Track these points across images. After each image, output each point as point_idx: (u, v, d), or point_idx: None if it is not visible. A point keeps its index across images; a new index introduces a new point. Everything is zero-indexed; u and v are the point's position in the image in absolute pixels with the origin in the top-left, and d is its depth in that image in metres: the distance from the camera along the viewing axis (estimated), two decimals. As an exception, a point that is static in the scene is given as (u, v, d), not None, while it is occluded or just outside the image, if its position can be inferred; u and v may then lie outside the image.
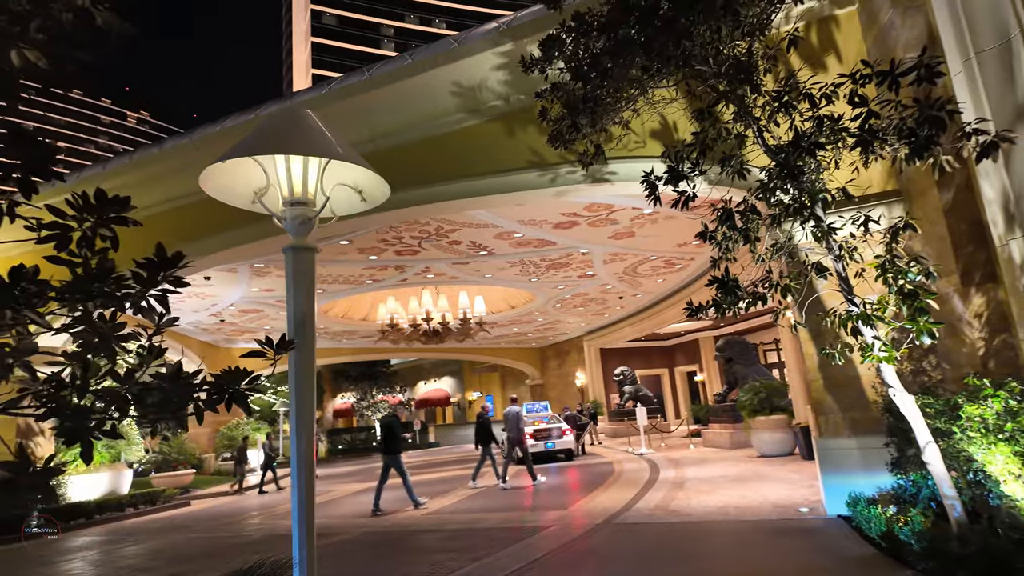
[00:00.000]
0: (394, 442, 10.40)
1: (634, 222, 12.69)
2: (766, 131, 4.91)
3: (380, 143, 9.52)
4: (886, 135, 4.14)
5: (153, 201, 10.66)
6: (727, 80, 4.76)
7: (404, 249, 13.75)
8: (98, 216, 1.99)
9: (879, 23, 6.11)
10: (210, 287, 15.24)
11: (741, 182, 5.42)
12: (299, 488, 2.97)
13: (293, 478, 2.99)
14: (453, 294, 18.70)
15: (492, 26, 8.39)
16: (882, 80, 3.92)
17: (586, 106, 5.37)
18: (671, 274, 17.92)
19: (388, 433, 10.42)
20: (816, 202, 4.61)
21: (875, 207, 5.96)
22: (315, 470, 3.71)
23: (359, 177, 3.49)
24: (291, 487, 3.03)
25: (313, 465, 3.15)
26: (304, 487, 2.98)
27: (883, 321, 4.60)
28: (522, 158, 8.60)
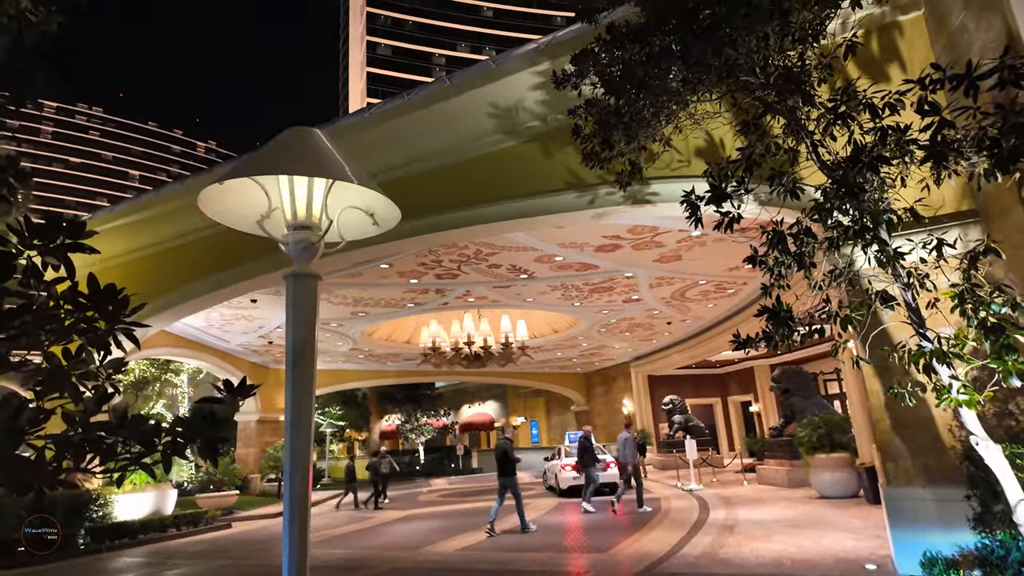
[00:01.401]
0: (509, 465, 11.30)
1: (681, 245, 12.17)
2: (821, 145, 4.45)
3: (419, 166, 9.44)
4: (962, 147, 3.64)
5: (184, 230, 10.93)
6: (776, 91, 4.35)
7: (444, 273, 13.63)
8: (47, 243, 1.81)
9: (949, 27, 5.57)
10: (256, 309, 15.52)
11: (794, 202, 4.94)
12: (291, 538, 2.69)
13: (285, 525, 2.71)
14: (495, 318, 18.46)
15: (530, 47, 8.22)
16: (956, 85, 3.44)
17: (619, 121, 5.04)
18: (722, 299, 17.15)
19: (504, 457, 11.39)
20: (880, 224, 4.10)
21: (949, 229, 5.35)
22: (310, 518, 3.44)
23: (369, 200, 3.26)
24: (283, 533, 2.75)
25: (308, 512, 2.87)
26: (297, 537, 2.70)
27: (962, 359, 4.02)
28: (560, 179, 8.32)
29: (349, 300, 15.67)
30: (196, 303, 11.38)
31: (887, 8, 5.98)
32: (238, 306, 14.96)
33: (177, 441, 1.88)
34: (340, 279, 13.60)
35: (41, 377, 1.86)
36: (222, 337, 18.61)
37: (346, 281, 13.86)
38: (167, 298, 11.16)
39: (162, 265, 11.39)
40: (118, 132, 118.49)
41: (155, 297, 11.13)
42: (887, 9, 6.01)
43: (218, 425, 1.91)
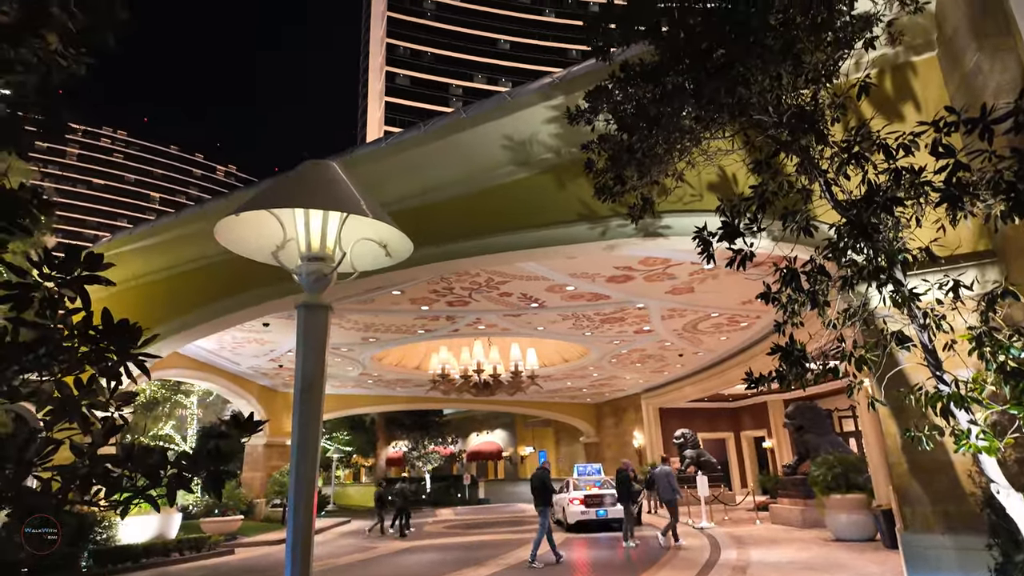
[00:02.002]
0: (547, 495, 11.46)
1: (693, 277, 12.13)
2: (835, 184, 4.45)
3: (433, 195, 9.54)
4: (978, 189, 3.61)
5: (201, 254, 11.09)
6: (789, 130, 4.37)
7: (455, 300, 13.66)
8: (65, 275, 1.84)
9: (963, 68, 5.59)
10: (268, 332, 15.60)
11: (807, 239, 4.92)
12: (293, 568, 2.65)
13: (288, 553, 2.68)
14: (505, 346, 18.40)
15: (545, 81, 8.37)
16: (971, 128, 3.44)
17: (631, 157, 5.07)
18: (735, 332, 16.99)
19: (542, 487, 11.52)
20: (895, 264, 4.06)
21: (966, 270, 5.28)
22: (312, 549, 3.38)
23: (383, 232, 3.30)
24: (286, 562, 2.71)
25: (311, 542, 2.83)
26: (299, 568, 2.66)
27: (981, 403, 3.92)
28: (572, 210, 8.37)
29: (360, 325, 15.71)
30: (210, 326, 11.48)
31: (900, 49, 6.02)
32: (250, 329, 15.05)
33: (182, 475, 1.87)
34: (352, 304, 13.66)
35: (52, 406, 1.87)
36: (233, 360, 18.69)
37: (358, 307, 13.92)
38: (182, 320, 11.27)
39: (178, 287, 11.52)
40: (141, 155, 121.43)
41: (171, 319, 11.25)
42: (900, 50, 6.05)
43: (223, 460, 1.90)
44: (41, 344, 1.67)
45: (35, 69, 1.63)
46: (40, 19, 1.56)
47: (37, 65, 1.62)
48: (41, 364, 1.70)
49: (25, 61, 1.60)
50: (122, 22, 1.89)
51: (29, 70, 1.61)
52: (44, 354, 1.67)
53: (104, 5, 1.83)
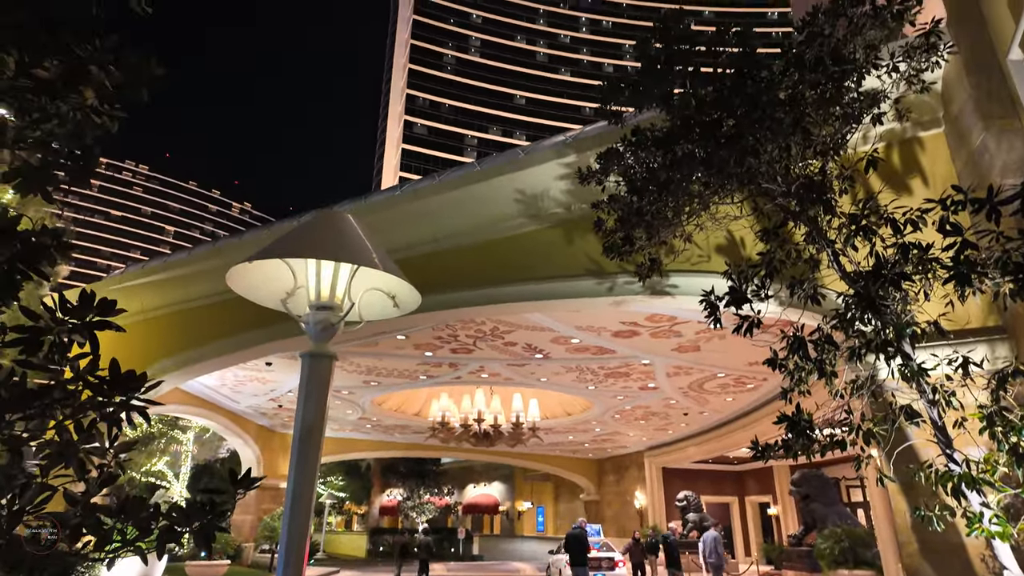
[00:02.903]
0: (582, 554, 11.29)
1: (699, 336, 12.07)
2: (843, 255, 4.48)
3: (442, 243, 9.66)
4: (986, 268, 3.62)
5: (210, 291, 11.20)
6: (798, 200, 4.43)
7: (459, 347, 13.61)
8: (78, 320, 1.86)
9: (970, 146, 5.69)
10: (271, 372, 15.54)
11: (815, 307, 4.92)
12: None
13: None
14: (507, 395, 18.21)
15: (559, 139, 8.59)
16: (979, 208, 3.48)
17: (640, 220, 5.15)
18: (741, 393, 16.76)
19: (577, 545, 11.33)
20: (903, 337, 4.04)
21: (975, 345, 5.23)
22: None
23: (392, 283, 3.33)
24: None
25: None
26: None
27: (992, 486, 3.82)
28: (580, 265, 8.43)
29: (362, 369, 15.64)
30: (215, 362, 11.46)
31: (908, 124, 6.16)
32: (253, 367, 15.00)
33: (173, 528, 1.84)
34: (355, 347, 13.63)
35: (50, 450, 1.86)
36: (233, 398, 18.56)
37: (361, 350, 13.89)
38: (188, 355, 11.27)
39: (187, 322, 11.57)
40: (160, 189, 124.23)
41: (177, 353, 11.25)
42: (908, 125, 6.18)
43: (215, 515, 1.87)
44: (49, 391, 1.67)
45: (70, 121, 1.70)
46: (79, 76, 1.64)
47: (73, 118, 1.69)
48: (45, 410, 1.70)
49: (61, 114, 1.67)
50: (156, 79, 1.97)
51: (64, 123, 1.68)
52: (49, 401, 1.67)
53: (140, 63, 1.92)
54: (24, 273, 1.73)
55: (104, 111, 1.76)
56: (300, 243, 3.07)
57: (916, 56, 4.86)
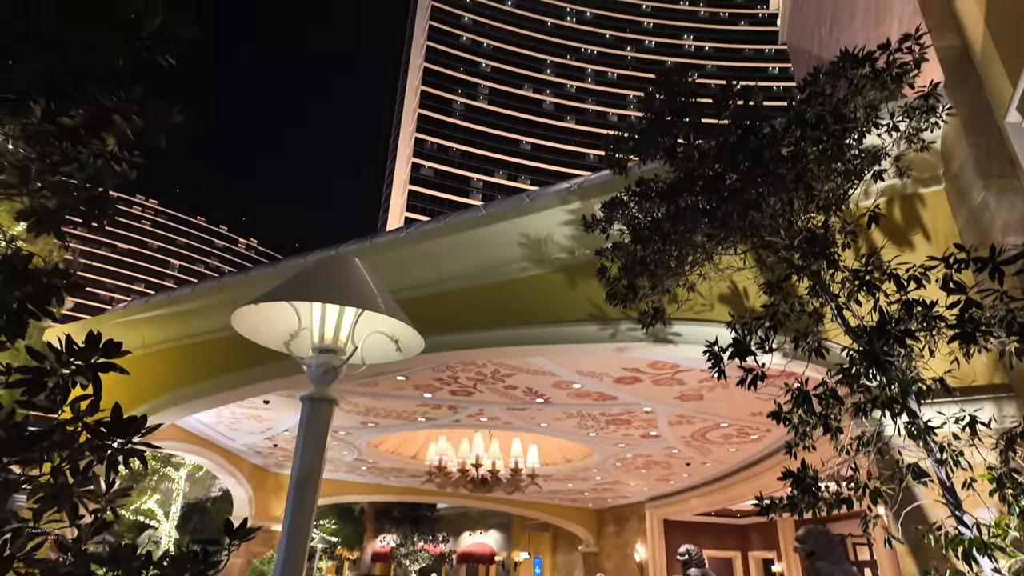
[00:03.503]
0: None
1: (703, 384, 11.96)
2: (846, 309, 4.48)
3: (446, 285, 9.70)
4: (991, 326, 3.62)
5: (212, 327, 11.21)
6: (800, 254, 4.47)
7: (459, 389, 13.50)
8: (83, 361, 1.86)
9: (971, 203, 5.76)
10: (268, 410, 15.38)
11: (819, 360, 4.90)
12: None
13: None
14: (506, 440, 17.93)
15: (563, 186, 8.72)
16: (981, 267, 3.51)
17: (644, 269, 5.19)
18: (745, 444, 16.48)
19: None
20: (908, 394, 4.00)
21: (982, 403, 5.17)
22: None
23: (396, 327, 3.34)
24: None
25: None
26: None
27: (1004, 551, 3.71)
28: (583, 310, 8.44)
29: (361, 409, 15.48)
30: (214, 399, 11.37)
31: (909, 181, 6.25)
32: (250, 405, 14.86)
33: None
34: (354, 387, 13.53)
35: (43, 493, 1.83)
36: (228, 435, 18.32)
37: (360, 390, 13.77)
38: (186, 391, 11.19)
39: (188, 357, 11.53)
40: (168, 223, 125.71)
41: (177, 388, 11.18)
42: (909, 182, 6.28)
43: (207, 565, 1.83)
44: (50, 434, 1.66)
45: (90, 167, 1.75)
46: (103, 124, 1.70)
47: (92, 163, 1.74)
48: (44, 453, 1.68)
49: (81, 160, 1.71)
50: (175, 126, 2.03)
51: (84, 168, 1.72)
52: (49, 445, 1.66)
53: (161, 111, 1.98)
54: (33, 314, 1.74)
55: (124, 157, 1.81)
56: (306, 286, 3.09)
57: (916, 116, 4.97)
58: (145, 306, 12.01)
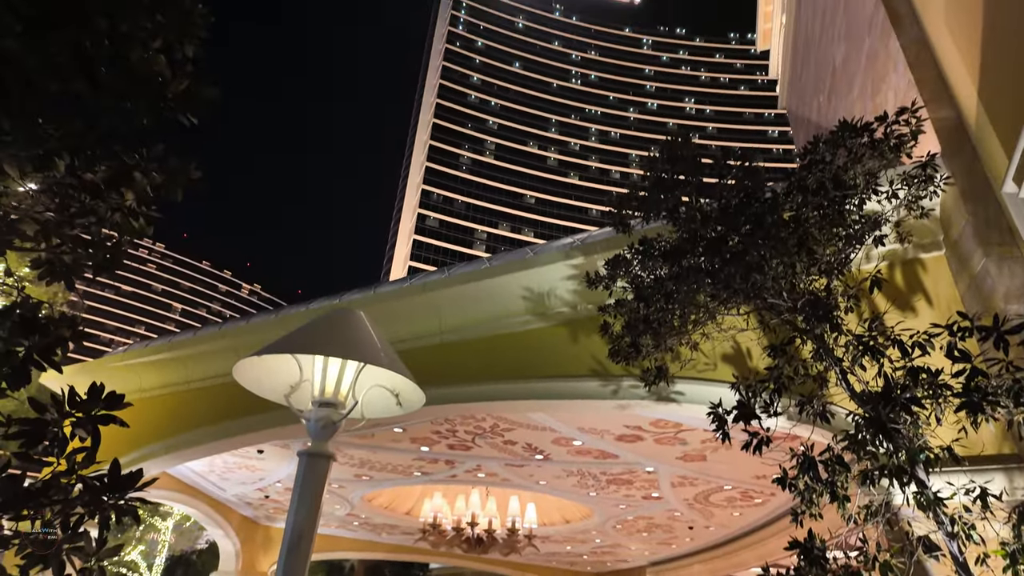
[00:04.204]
0: None
1: (705, 445, 11.73)
2: (851, 374, 4.45)
3: (447, 336, 9.68)
4: (997, 396, 3.58)
5: (210, 373, 11.14)
6: (804, 317, 4.48)
7: (457, 443, 13.25)
8: (84, 413, 1.84)
9: (971, 270, 5.80)
10: (262, 460, 15.07)
11: (825, 425, 4.83)
12: None
13: None
14: (503, 498, 17.45)
15: (567, 241, 8.83)
16: (985, 336, 3.50)
17: (647, 327, 5.19)
18: (749, 508, 16.02)
19: None
20: (916, 463, 3.92)
21: (992, 474, 5.06)
22: None
23: (398, 381, 3.32)
24: None
25: None
26: None
27: (1023, 632, 3.55)
28: (585, 366, 8.38)
29: (356, 461, 15.16)
30: (208, 447, 11.16)
31: (909, 246, 6.32)
32: (244, 454, 14.58)
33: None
34: (350, 438, 13.30)
35: (31, 549, 1.78)
36: (219, 485, 17.89)
37: (356, 441, 13.53)
38: (180, 439, 11.01)
39: (186, 403, 11.40)
40: (172, 267, 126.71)
41: (172, 435, 11.01)
42: (909, 247, 6.34)
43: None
44: (47, 490, 1.64)
45: (107, 221, 1.79)
46: (123, 179, 1.75)
47: (110, 218, 1.78)
48: (38, 510, 1.65)
49: (100, 213, 1.76)
50: (192, 181, 2.09)
51: (102, 222, 1.77)
52: (46, 501, 1.63)
53: (180, 167, 2.04)
54: (38, 364, 1.74)
55: (141, 212, 1.86)
56: (310, 338, 3.09)
57: (914, 184, 5.08)
58: (146, 350, 11.96)
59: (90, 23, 1.97)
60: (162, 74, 1.77)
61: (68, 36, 1.90)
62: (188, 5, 2.33)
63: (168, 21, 2.23)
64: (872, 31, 8.79)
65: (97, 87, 1.65)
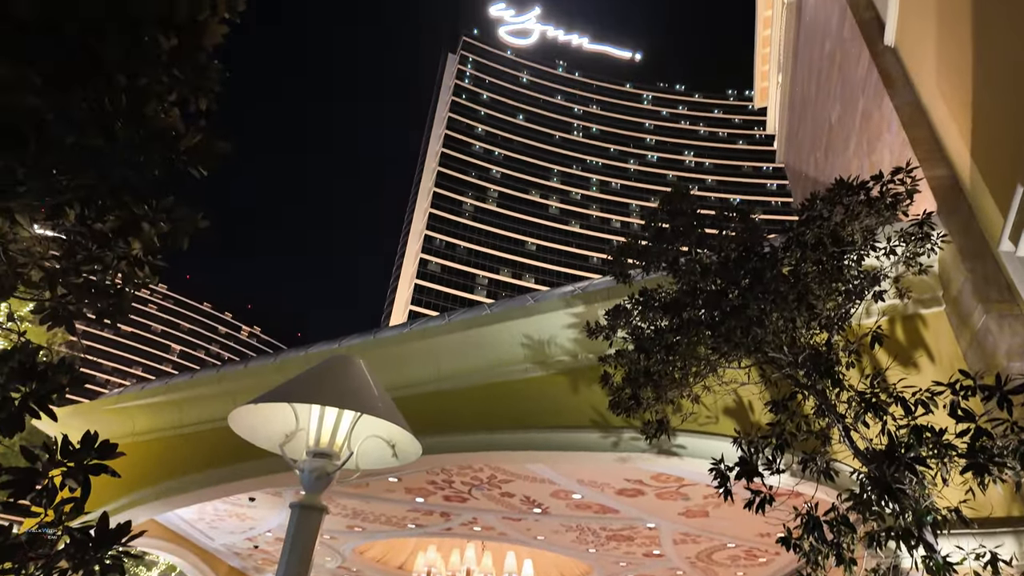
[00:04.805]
0: None
1: (708, 500, 11.43)
2: (854, 430, 4.39)
3: (446, 383, 9.60)
4: (1003, 457, 3.52)
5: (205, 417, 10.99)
6: (805, 371, 4.45)
7: (453, 495, 12.93)
8: (75, 462, 1.82)
9: (972, 327, 5.80)
10: (253, 508, 14.69)
11: (829, 483, 4.72)
12: None
13: None
14: (500, 552, 16.91)
15: (568, 289, 8.86)
16: (989, 396, 3.47)
17: (647, 379, 5.16)
18: (753, 568, 15.49)
19: None
20: (924, 525, 3.82)
21: (1001, 538, 4.92)
22: None
23: (394, 432, 3.27)
24: None
25: None
26: None
27: None
28: (585, 416, 8.27)
29: (348, 511, 14.76)
30: (198, 494, 10.90)
31: (909, 302, 6.33)
32: (235, 502, 14.23)
33: None
34: (343, 488, 13.00)
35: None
36: (208, 533, 17.38)
37: (349, 490, 13.22)
38: (169, 484, 10.76)
39: (178, 448, 11.21)
40: (173, 308, 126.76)
41: (163, 481, 10.77)
42: (909, 303, 6.35)
43: None
44: (34, 543, 1.60)
45: (113, 269, 1.81)
46: (132, 229, 1.78)
47: (116, 266, 1.80)
48: (23, 564, 1.61)
49: (106, 262, 1.78)
50: (201, 231, 2.13)
51: (107, 270, 1.79)
52: (33, 556, 1.59)
53: (188, 216, 2.08)
54: (34, 412, 1.73)
55: (148, 261, 1.88)
56: (307, 387, 3.07)
57: (911, 241, 5.13)
58: (142, 393, 11.84)
59: (110, 79, 2.04)
60: (175, 128, 1.83)
61: (88, 93, 1.97)
62: (204, 61, 2.43)
63: (184, 76, 2.31)
64: (866, 92, 9.07)
65: (112, 140, 1.71)
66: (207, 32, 2.39)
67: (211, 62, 2.48)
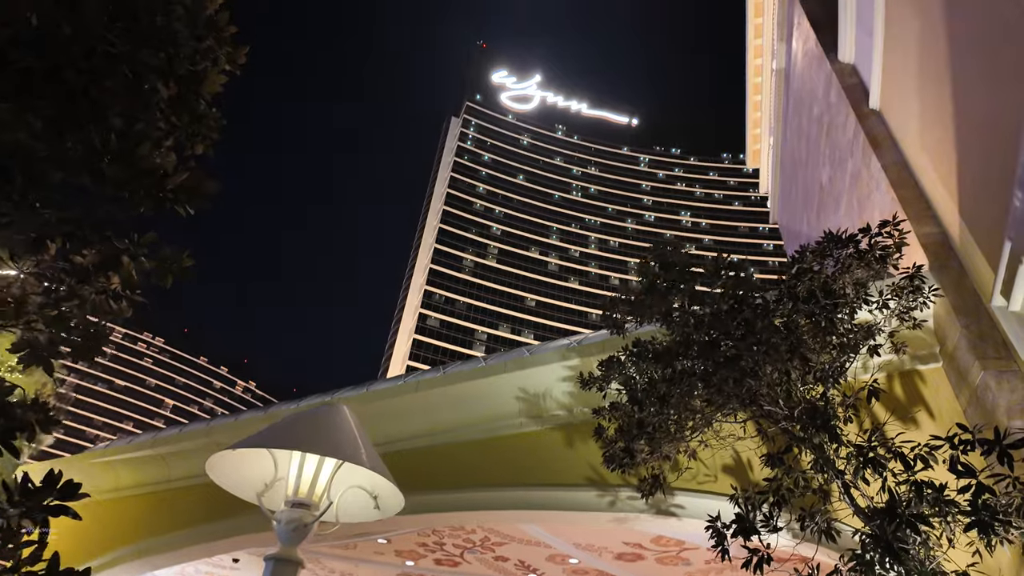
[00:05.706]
0: None
1: (710, 565, 10.98)
2: (854, 487, 4.25)
3: (439, 438, 9.40)
4: (1008, 515, 3.40)
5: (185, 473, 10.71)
6: (801, 425, 4.36)
7: (444, 558, 12.44)
8: (34, 504, 1.74)
9: (971, 383, 5.72)
10: (236, 571, 14.09)
11: (830, 543, 4.54)
12: None
13: None
14: (494, 622, 16.09)
15: (563, 342, 8.81)
16: (988, 451, 3.38)
17: (641, 432, 5.05)
18: (758, 640, 14.72)
19: None
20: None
21: (1016, 605, 4.69)
22: None
23: (377, 482, 3.17)
24: None
25: None
26: None
27: None
28: (580, 474, 8.05)
29: (336, 574, 14.17)
30: (182, 553, 10.46)
31: (905, 357, 6.27)
32: (217, 563, 13.66)
33: None
34: (329, 548, 12.52)
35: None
36: (188, 597, 16.59)
37: (336, 552, 12.73)
38: (152, 542, 10.36)
39: (158, 505, 10.85)
40: (168, 362, 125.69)
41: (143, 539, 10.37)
42: (906, 358, 6.30)
43: None
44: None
45: (89, 303, 1.80)
46: (111, 264, 1.78)
47: (92, 300, 1.79)
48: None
49: (83, 296, 1.77)
50: (184, 270, 2.12)
51: (84, 304, 1.78)
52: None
53: (173, 255, 2.08)
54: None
55: (125, 295, 1.87)
56: (287, 433, 3.00)
57: (903, 295, 5.14)
58: (128, 446, 11.57)
59: (106, 122, 2.09)
60: (164, 167, 1.86)
61: (85, 136, 2.02)
62: (202, 110, 2.49)
63: (182, 123, 2.37)
64: (854, 153, 9.31)
65: (99, 178, 1.74)
66: (207, 81, 2.46)
67: (209, 111, 2.55)
